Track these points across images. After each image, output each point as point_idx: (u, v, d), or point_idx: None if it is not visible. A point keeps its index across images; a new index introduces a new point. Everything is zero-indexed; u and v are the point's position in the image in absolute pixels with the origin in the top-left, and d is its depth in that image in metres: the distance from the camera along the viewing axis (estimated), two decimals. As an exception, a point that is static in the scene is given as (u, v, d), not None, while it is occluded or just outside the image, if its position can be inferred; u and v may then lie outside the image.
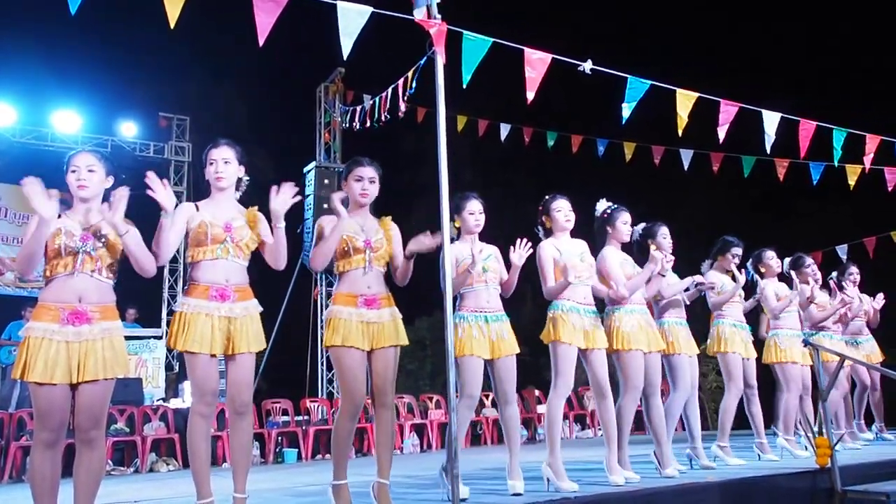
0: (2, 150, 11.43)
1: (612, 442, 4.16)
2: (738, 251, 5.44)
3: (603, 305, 4.49)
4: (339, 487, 3.43)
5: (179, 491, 5.26)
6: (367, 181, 3.62)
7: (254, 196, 3.54)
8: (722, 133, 5.02)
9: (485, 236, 4.14)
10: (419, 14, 3.70)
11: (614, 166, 9.63)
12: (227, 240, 3.29)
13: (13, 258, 10.73)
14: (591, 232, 4.60)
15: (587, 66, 4.35)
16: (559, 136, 10.19)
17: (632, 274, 4.45)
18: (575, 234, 4.36)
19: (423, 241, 3.55)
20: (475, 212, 4.03)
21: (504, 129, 10.26)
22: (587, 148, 9.78)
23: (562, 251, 4.17)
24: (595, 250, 4.47)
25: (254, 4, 3.27)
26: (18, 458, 7.35)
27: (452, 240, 4.01)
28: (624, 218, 4.53)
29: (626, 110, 4.66)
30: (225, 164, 3.39)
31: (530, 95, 4.18)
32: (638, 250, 4.76)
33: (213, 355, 3.20)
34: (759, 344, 5.72)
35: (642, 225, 4.87)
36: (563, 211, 4.24)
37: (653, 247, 4.50)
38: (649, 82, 4.62)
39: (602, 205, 4.61)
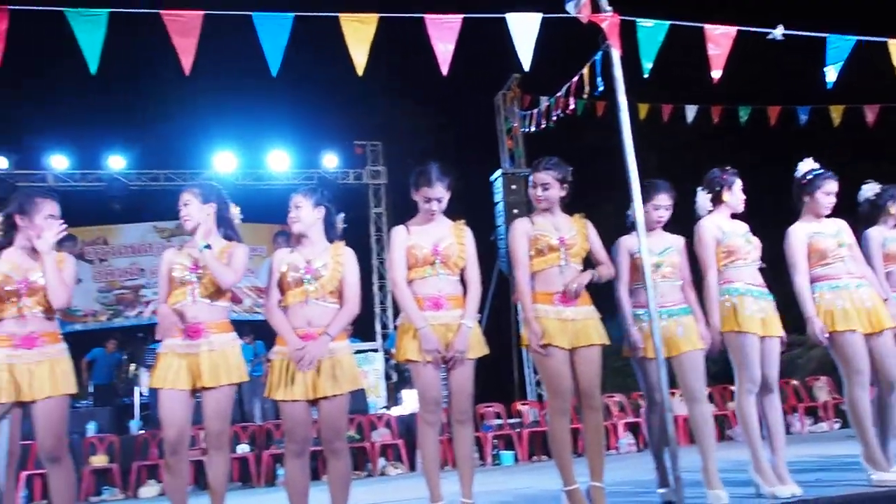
0: (229, 193, 12.95)
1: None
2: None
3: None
4: (572, 492, 3.44)
5: (410, 494, 5.60)
6: (539, 188, 3.65)
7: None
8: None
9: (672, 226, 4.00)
10: (572, 9, 3.69)
11: (821, 134, 8.84)
12: (436, 262, 3.45)
13: (250, 287, 12.16)
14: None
15: (778, 32, 4.07)
16: (753, 110, 9.56)
17: (827, 248, 3.89)
18: (782, 212, 4.07)
19: None
20: (661, 206, 3.88)
21: (690, 111, 9.82)
22: (786, 119, 9.08)
23: (725, 231, 3.87)
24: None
25: (431, 37, 3.46)
26: (270, 465, 8.26)
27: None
28: (828, 187, 3.94)
29: (832, 72, 4.28)
30: (438, 203, 3.52)
31: (717, 74, 4.00)
32: (867, 214, 4.24)
33: (431, 363, 3.34)
34: None
35: (874, 186, 4.27)
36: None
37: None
38: (854, 38, 4.23)
39: (805, 165, 4.05)
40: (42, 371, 3.25)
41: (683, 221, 4.01)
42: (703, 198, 3.97)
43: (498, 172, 12.14)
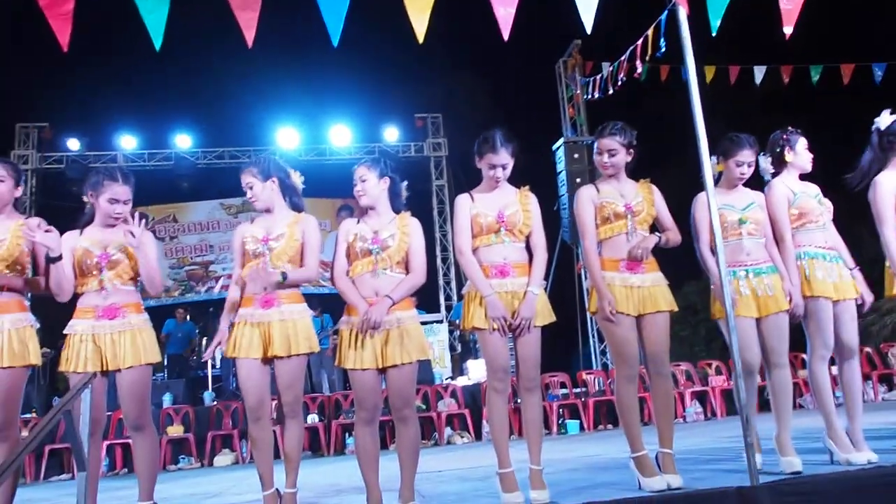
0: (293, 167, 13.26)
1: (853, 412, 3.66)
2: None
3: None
4: (640, 458, 3.39)
5: (478, 461, 5.68)
6: (605, 154, 3.59)
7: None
8: None
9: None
10: None
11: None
12: (501, 230, 3.43)
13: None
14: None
15: (857, -17, 3.86)
16: (825, 69, 9.13)
17: None
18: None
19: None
20: (744, 163, 3.76)
21: (759, 73, 9.45)
22: (860, 77, 8.64)
23: (795, 192, 3.77)
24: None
25: (491, 0, 3.40)
26: (339, 435, 8.48)
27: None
28: None
29: None
30: (503, 170, 3.49)
31: (788, 30, 3.81)
32: None
33: (498, 330, 3.33)
34: None
35: None
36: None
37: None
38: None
39: (886, 118, 3.81)
40: (125, 340, 3.38)
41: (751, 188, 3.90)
42: (764, 161, 3.88)
43: (560, 141, 12.00)
